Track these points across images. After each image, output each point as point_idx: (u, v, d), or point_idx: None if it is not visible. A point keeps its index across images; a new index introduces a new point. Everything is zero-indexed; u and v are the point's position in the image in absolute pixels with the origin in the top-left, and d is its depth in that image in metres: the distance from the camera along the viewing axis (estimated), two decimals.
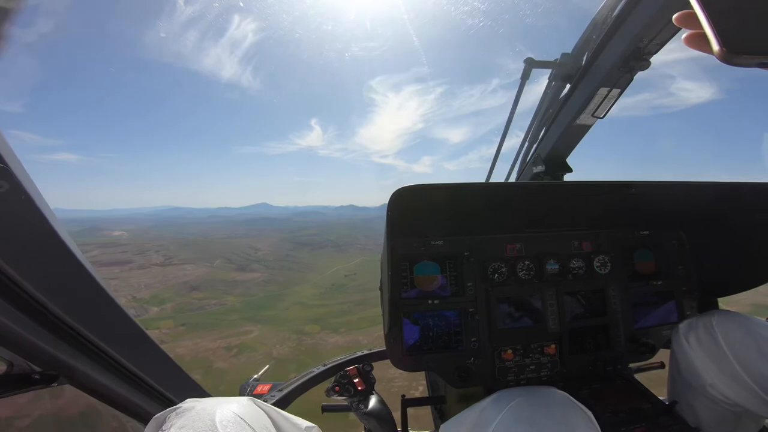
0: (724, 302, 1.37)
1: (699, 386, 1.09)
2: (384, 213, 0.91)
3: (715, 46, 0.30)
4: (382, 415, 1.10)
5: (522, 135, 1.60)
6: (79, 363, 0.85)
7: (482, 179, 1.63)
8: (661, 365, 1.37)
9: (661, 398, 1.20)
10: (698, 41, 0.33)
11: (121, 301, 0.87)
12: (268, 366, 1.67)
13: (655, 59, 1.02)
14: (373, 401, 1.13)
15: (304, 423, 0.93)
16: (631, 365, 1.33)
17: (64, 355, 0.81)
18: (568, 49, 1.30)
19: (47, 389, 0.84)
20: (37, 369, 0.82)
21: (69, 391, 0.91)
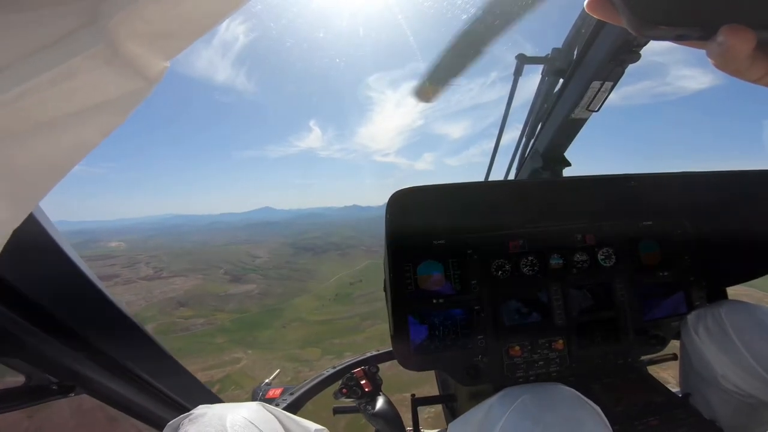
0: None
1: (711, 378, 1.08)
2: None
3: (627, 16, 0.26)
4: (390, 415, 1.11)
5: (520, 129, 1.60)
6: (94, 373, 0.88)
7: (483, 174, 1.64)
8: (674, 357, 1.35)
9: (674, 390, 1.19)
10: (606, 8, 0.28)
11: None
12: (279, 370, 1.70)
13: (652, 48, 1.01)
14: (380, 402, 1.14)
15: (314, 426, 0.94)
16: (643, 358, 1.31)
17: (80, 366, 0.84)
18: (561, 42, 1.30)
19: (65, 399, 0.87)
20: (54, 380, 0.86)
21: (86, 400, 0.94)
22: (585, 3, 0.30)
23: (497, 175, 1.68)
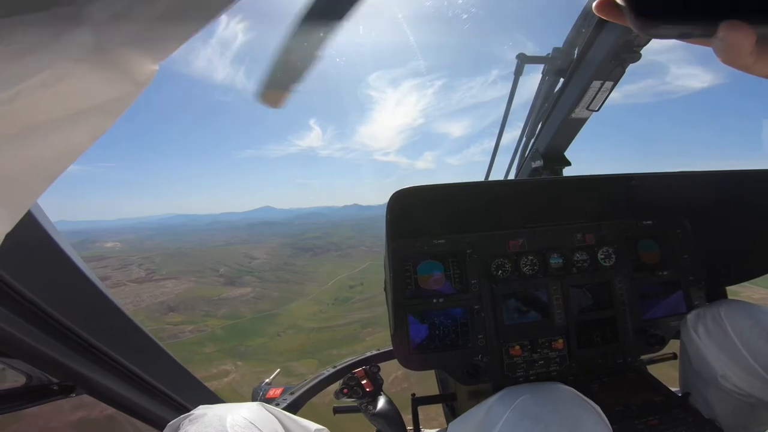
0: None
1: (711, 377, 1.08)
2: None
3: (631, 16, 0.27)
4: (390, 415, 1.11)
5: (521, 128, 1.60)
6: (95, 373, 0.88)
7: (484, 173, 1.64)
8: (674, 356, 1.36)
9: (674, 390, 1.19)
10: (612, 9, 0.30)
11: None
12: (279, 369, 1.70)
13: (653, 47, 1.01)
14: (381, 402, 1.14)
15: (314, 426, 0.94)
16: (643, 357, 1.32)
17: (80, 367, 0.84)
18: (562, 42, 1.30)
19: (66, 399, 0.87)
20: (55, 380, 0.85)
21: (87, 400, 0.94)
22: (593, 5, 0.31)
23: (498, 174, 1.68)
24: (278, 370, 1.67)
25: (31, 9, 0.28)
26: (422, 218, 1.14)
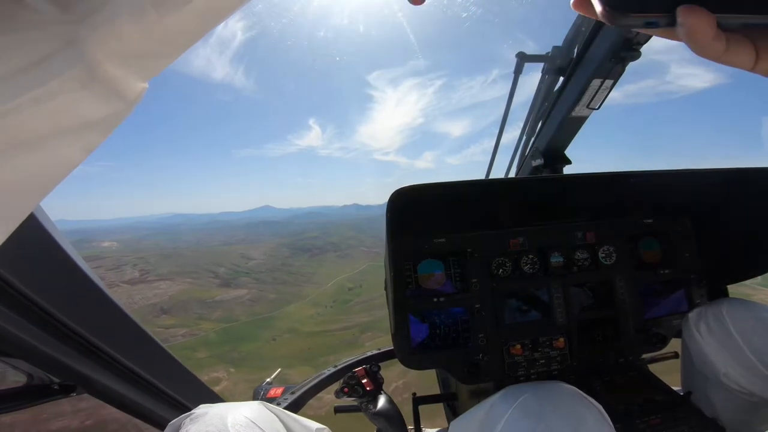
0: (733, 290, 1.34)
1: (713, 376, 1.08)
2: None
3: (598, 7, 0.28)
4: (391, 414, 1.11)
5: (521, 127, 1.60)
6: (96, 373, 0.88)
7: (484, 173, 1.64)
8: (675, 355, 1.35)
9: (675, 389, 1.19)
10: (586, 4, 0.30)
11: None
12: (280, 369, 1.70)
13: (654, 47, 1.01)
14: (381, 401, 1.14)
15: (315, 425, 0.94)
16: (644, 356, 1.31)
17: (81, 366, 0.84)
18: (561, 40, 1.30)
19: (66, 399, 0.87)
20: (56, 380, 0.86)
21: (87, 400, 0.94)
22: (571, 2, 0.32)
23: (498, 173, 1.68)
24: (279, 369, 1.67)
25: (26, 29, 0.28)
26: (423, 217, 1.14)
